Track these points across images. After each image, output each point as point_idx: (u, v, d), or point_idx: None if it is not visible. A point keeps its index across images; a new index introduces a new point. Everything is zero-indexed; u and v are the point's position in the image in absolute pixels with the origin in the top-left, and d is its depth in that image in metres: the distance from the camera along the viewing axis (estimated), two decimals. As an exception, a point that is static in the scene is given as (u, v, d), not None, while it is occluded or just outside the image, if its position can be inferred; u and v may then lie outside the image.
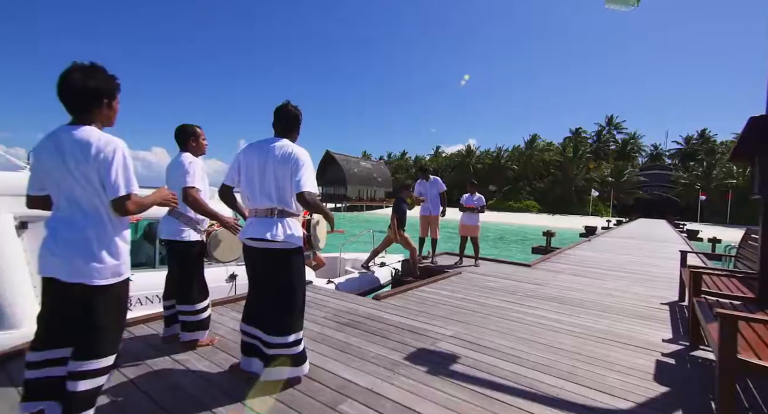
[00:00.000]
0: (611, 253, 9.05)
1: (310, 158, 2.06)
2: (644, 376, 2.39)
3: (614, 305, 4.16)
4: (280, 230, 1.98)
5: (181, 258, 2.50)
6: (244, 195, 2.11)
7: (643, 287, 5.19)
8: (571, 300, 4.30)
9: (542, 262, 7.02)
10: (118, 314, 1.57)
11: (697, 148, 54.71)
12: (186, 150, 2.56)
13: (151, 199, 1.69)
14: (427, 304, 3.89)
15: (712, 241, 10.55)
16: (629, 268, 6.85)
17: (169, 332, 2.61)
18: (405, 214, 5.88)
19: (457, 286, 4.80)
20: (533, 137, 58.33)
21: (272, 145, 2.04)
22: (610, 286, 5.19)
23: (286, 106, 2.14)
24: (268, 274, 2.05)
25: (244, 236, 2.06)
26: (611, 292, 4.78)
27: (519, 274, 5.78)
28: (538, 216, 42.71)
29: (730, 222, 37.65)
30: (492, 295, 4.35)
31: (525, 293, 4.53)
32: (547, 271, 6.11)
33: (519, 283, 5.09)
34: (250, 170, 2.05)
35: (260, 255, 2.03)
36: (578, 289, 4.92)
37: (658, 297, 4.63)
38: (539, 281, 5.29)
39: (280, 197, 2.01)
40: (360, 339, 2.82)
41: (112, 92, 1.57)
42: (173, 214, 2.49)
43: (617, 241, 12.44)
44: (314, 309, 3.55)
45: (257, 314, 2.07)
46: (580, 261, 7.42)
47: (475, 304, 3.96)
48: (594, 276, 5.89)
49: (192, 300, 2.47)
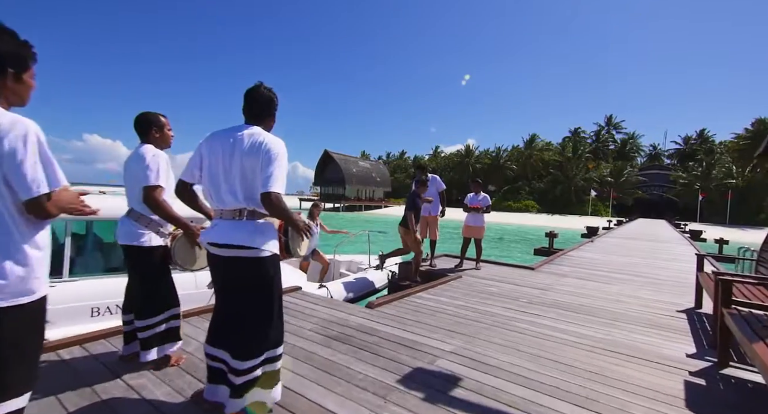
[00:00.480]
0: (615, 254, 8.76)
1: (285, 151, 1.73)
2: (673, 401, 2.08)
3: (625, 313, 3.85)
4: (248, 235, 1.66)
5: (140, 266, 2.17)
6: (207, 193, 1.78)
7: (652, 292, 4.89)
8: (579, 307, 3.99)
9: (545, 264, 6.71)
10: (30, 343, 1.24)
11: (696, 148, 54.58)
12: (148, 142, 2.23)
13: None
14: (424, 312, 3.57)
15: (719, 243, 10.24)
16: (635, 270, 6.55)
17: (128, 350, 2.28)
18: (420, 211, 5.50)
19: (457, 291, 4.49)
20: (532, 137, 58.10)
21: (240, 133, 1.71)
22: (618, 290, 4.89)
23: (258, 87, 1.81)
24: (235, 287, 1.73)
25: (206, 240, 1.73)
26: (620, 298, 4.47)
27: (522, 277, 5.48)
28: (538, 216, 42.47)
29: (730, 222, 37.48)
30: (494, 302, 4.04)
31: (529, 300, 4.22)
32: (550, 275, 5.80)
33: (522, 288, 4.78)
34: (213, 163, 1.72)
35: (226, 264, 1.71)
36: (585, 294, 4.61)
37: (670, 303, 4.33)
38: (543, 285, 4.98)
39: (248, 195, 1.69)
40: (348, 356, 2.50)
41: (21, 61, 1.23)
42: (131, 215, 2.17)
43: (619, 241, 12.16)
44: (300, 319, 3.22)
45: (224, 334, 1.75)
46: (584, 263, 7.12)
47: (477, 312, 3.65)
48: (600, 279, 5.58)
49: (153, 312, 2.15)
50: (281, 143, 1.73)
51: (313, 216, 6.06)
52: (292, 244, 1.87)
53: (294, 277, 4.97)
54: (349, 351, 2.58)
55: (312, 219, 6.01)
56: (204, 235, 1.75)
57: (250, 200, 1.69)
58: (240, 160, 1.67)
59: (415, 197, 5.38)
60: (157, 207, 2.05)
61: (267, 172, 1.63)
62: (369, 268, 6.33)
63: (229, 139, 1.71)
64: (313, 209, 6.15)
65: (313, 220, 5.99)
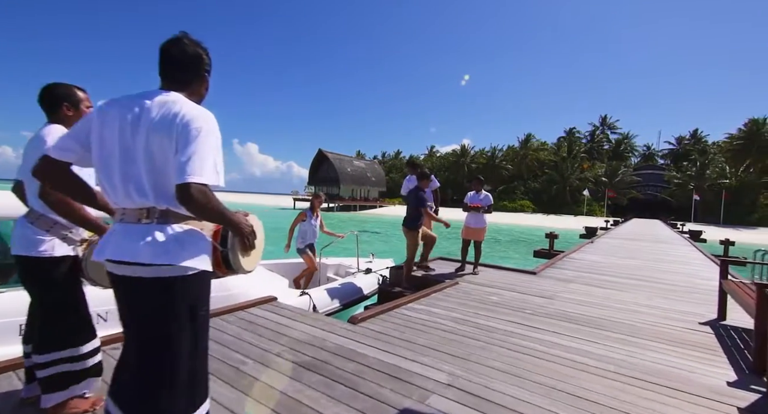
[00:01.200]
0: (617, 256, 8.36)
1: (215, 126, 1.23)
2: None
3: (643, 326, 3.40)
4: (156, 247, 1.15)
5: (39, 283, 1.66)
6: (100, 185, 1.27)
7: (665, 300, 4.45)
8: (591, 319, 3.54)
9: (548, 268, 6.27)
10: None
11: (689, 148, 54.84)
12: (56, 121, 1.72)
13: None
14: (415, 328, 3.09)
15: (725, 244, 9.89)
16: (642, 275, 6.13)
17: (29, 391, 1.77)
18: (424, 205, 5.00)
19: (453, 300, 4.01)
20: (528, 137, 57.98)
21: (150, 100, 1.19)
22: (629, 298, 4.45)
23: (180, 40, 1.29)
24: (136, 321, 1.22)
25: (101, 256, 1.22)
26: (633, 307, 4.03)
27: (524, 283, 5.02)
28: (533, 216, 42.30)
29: (724, 222, 37.57)
30: (495, 314, 3.57)
31: (534, 310, 3.75)
32: (554, 280, 5.35)
33: (525, 296, 4.32)
34: (107, 142, 1.20)
35: (126, 288, 1.21)
36: (594, 303, 4.17)
37: (689, 313, 3.90)
38: (548, 293, 4.52)
39: (158, 189, 1.18)
40: (320, 393, 2.00)
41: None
42: (29, 216, 1.66)
43: (619, 243, 11.79)
44: (269, 340, 2.72)
45: (122, 385, 1.24)
46: (587, 267, 6.69)
47: (475, 327, 3.17)
48: (608, 285, 5.14)
49: (56, 346, 1.64)
50: (209, 115, 1.22)
51: (314, 208, 5.52)
52: (233, 257, 1.35)
53: (271, 284, 4.47)
54: (322, 385, 2.09)
55: (312, 212, 5.48)
56: (98, 250, 1.23)
57: (162, 196, 1.18)
58: (146, 137, 1.15)
59: (418, 192, 4.93)
60: (57, 203, 1.54)
61: (185, 154, 1.12)
62: (358, 272, 5.84)
63: (133, 107, 1.19)
64: (314, 201, 5.60)
65: (313, 213, 5.49)
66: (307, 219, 5.42)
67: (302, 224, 5.42)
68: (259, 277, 4.53)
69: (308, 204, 5.82)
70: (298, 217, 5.45)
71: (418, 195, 4.89)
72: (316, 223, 5.54)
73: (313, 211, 5.53)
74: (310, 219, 5.45)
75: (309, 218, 5.45)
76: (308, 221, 5.42)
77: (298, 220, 5.44)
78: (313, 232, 5.49)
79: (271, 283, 4.59)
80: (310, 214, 5.47)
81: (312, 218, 5.48)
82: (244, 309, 3.33)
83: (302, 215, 5.46)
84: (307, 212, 5.49)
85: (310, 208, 5.56)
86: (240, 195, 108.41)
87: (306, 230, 5.40)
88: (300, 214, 5.45)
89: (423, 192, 4.96)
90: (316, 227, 5.54)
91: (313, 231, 5.47)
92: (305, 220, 5.41)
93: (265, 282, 4.49)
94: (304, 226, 5.41)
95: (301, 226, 5.43)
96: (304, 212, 5.50)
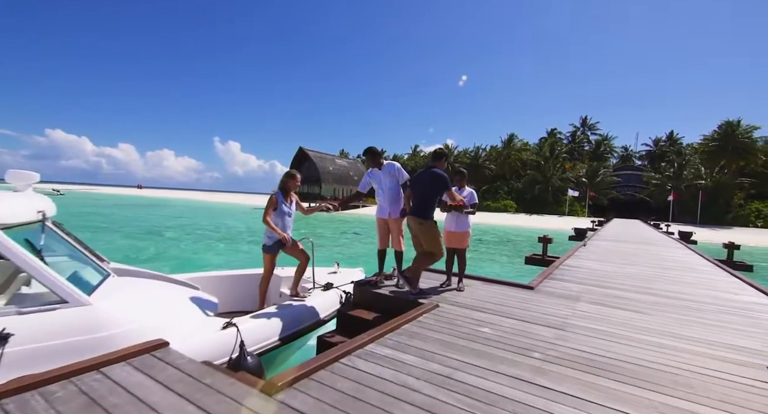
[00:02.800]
0: (616, 263, 7.48)
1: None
2: None
3: (695, 377, 2.38)
4: None
5: None
6: None
7: (703, 328, 3.48)
8: (620, 366, 2.48)
9: (545, 279, 5.26)
10: None
11: (666, 149, 56.01)
12: None
13: None
14: (370, 402, 1.95)
15: (729, 248, 9.19)
16: (656, 288, 5.19)
17: None
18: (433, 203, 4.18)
19: (432, 336, 2.90)
20: (510, 137, 57.93)
21: None
22: (657, 326, 3.45)
23: None
24: None
25: None
26: (668, 342, 3.02)
27: (522, 304, 3.96)
28: (516, 216, 42.03)
29: (701, 222, 38.21)
30: (491, 362, 2.46)
31: (543, 352, 2.68)
32: (557, 298, 4.32)
33: (526, 325, 3.25)
34: None
35: None
36: (616, 334, 3.13)
37: (745, 351, 2.91)
38: (555, 319, 3.47)
39: None
40: None
41: None
42: None
43: (611, 245, 11.02)
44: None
45: None
46: (590, 277, 5.73)
47: (465, 394, 2.05)
48: (623, 305, 4.15)
49: None
50: None
51: (287, 190, 4.13)
52: None
53: (178, 314, 3.23)
54: None
55: (285, 195, 4.11)
56: None
57: None
58: None
59: (448, 181, 4.08)
60: None
61: None
62: (314, 288, 4.66)
63: None
64: (288, 181, 4.12)
65: (285, 197, 4.10)
66: (278, 205, 3.98)
67: (273, 213, 4.00)
68: (161, 304, 3.28)
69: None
70: (268, 205, 3.97)
71: (445, 180, 3.98)
72: (291, 209, 4.13)
73: (285, 194, 4.10)
74: (281, 204, 4.01)
75: (280, 204, 4.00)
76: (279, 208, 3.99)
77: (270, 209, 3.96)
78: (287, 222, 4.08)
79: (181, 310, 3.34)
80: (281, 199, 4.03)
81: (284, 204, 4.05)
82: (98, 368, 2.10)
83: (273, 201, 3.97)
84: (277, 196, 4.02)
85: (281, 190, 4.09)
86: (222, 194, 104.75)
87: (277, 221, 3.99)
88: (269, 202, 3.98)
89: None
90: (291, 215, 4.14)
91: (284, 222, 4.04)
92: (276, 207, 3.98)
93: (171, 311, 3.24)
94: (275, 215, 3.99)
95: (272, 216, 4.01)
96: (274, 195, 4.02)
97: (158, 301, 3.30)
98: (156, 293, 3.45)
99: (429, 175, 3.99)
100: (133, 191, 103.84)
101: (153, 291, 3.49)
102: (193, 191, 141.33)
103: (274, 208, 4.00)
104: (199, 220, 27.22)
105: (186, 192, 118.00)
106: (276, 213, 4.01)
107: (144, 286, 3.47)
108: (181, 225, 22.74)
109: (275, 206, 4.00)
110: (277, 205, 4.00)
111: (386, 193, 4.35)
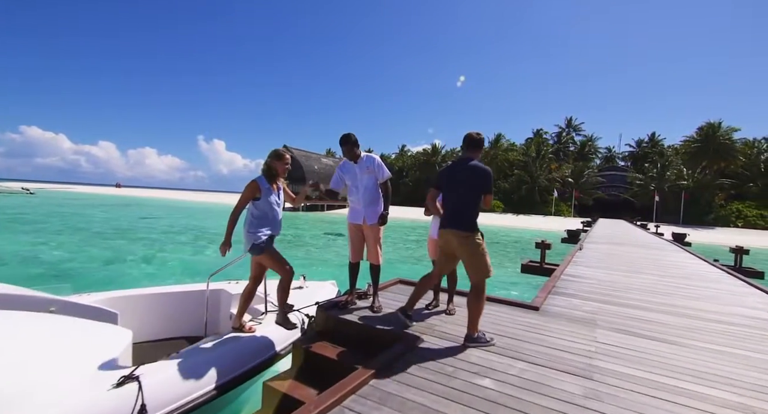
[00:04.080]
0: (619, 271, 6.78)
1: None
2: None
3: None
4: None
5: None
6: None
7: (757, 370, 2.71)
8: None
9: (550, 295, 4.46)
10: None
11: (648, 150, 56.84)
12: None
13: None
14: None
15: (737, 252, 8.62)
16: (677, 305, 4.45)
17: None
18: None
19: (407, 405, 2.01)
20: (498, 137, 57.81)
21: None
22: (702, 366, 2.66)
23: None
24: None
25: None
26: (727, 391, 2.22)
27: (527, 332, 3.12)
28: (504, 216, 41.76)
29: (683, 222, 38.67)
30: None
31: (573, 424, 1.83)
32: (569, 322, 3.51)
33: (539, 370, 2.41)
34: None
35: None
36: (658, 384, 2.32)
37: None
38: (575, 360, 2.64)
39: None
40: None
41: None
42: None
43: (608, 249, 10.41)
44: None
45: None
46: (597, 290, 4.96)
47: None
48: (648, 331, 3.36)
49: None
50: None
51: (274, 177, 3.16)
52: None
53: (75, 360, 2.25)
54: None
55: (271, 181, 3.13)
56: None
57: None
58: None
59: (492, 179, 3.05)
60: None
61: None
62: (266, 313, 3.72)
63: None
64: (274, 163, 3.16)
65: (271, 184, 3.12)
66: (262, 195, 3.03)
67: (254, 204, 3.05)
68: (10, 357, 2.26)
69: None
70: (245, 194, 3.03)
71: (488, 169, 2.98)
72: (278, 198, 3.17)
73: (271, 180, 3.13)
74: (267, 194, 3.06)
75: (265, 193, 3.05)
76: (264, 198, 3.04)
77: (247, 199, 3.03)
78: (276, 213, 3.11)
79: (54, 362, 2.34)
80: (265, 186, 3.07)
81: (271, 193, 3.09)
82: None
83: (253, 188, 3.02)
84: (260, 182, 3.06)
85: (266, 176, 3.13)
86: (206, 194, 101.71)
87: (262, 214, 3.04)
88: (248, 188, 3.02)
89: None
90: (280, 204, 3.17)
91: (274, 212, 3.09)
92: (259, 197, 3.03)
93: (28, 367, 2.23)
94: (259, 206, 3.04)
95: (251, 209, 3.06)
96: (255, 182, 3.04)
97: (8, 351, 2.27)
98: (12, 339, 2.41)
99: (469, 170, 2.96)
100: (111, 190, 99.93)
101: (13, 333, 2.45)
102: (176, 190, 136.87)
103: (255, 197, 3.02)
104: (174, 221, 25.70)
105: (168, 191, 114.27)
106: (257, 203, 3.02)
107: (3, 325, 2.46)
108: (147, 227, 21.25)
109: (257, 195, 3.01)
110: (260, 193, 3.01)
111: (362, 193, 3.45)
